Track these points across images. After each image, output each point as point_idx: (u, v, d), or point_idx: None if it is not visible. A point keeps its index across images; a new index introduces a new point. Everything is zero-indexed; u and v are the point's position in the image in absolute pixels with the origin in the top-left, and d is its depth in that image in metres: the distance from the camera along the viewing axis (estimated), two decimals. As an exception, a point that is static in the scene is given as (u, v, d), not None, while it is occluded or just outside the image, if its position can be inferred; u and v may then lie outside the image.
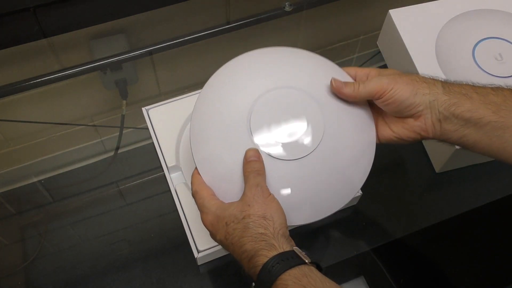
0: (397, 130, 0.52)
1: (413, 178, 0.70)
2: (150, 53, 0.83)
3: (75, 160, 0.71)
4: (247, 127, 0.50)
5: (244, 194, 0.48)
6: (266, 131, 0.50)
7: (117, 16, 0.86)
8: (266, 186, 0.49)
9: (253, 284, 0.45)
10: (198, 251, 0.58)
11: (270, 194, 0.48)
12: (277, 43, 0.89)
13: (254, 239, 0.45)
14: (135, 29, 0.87)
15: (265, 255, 0.44)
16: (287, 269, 0.42)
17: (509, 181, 0.69)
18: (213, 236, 0.49)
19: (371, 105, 0.55)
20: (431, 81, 0.50)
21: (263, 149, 0.50)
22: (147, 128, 0.67)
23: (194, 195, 0.51)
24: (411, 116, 0.51)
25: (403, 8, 0.74)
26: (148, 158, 0.70)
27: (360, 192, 0.63)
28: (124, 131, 0.75)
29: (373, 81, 0.51)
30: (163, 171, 0.64)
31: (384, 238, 0.64)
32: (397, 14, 0.74)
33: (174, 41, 0.84)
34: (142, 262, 0.62)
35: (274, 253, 0.43)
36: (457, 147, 0.62)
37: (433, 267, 0.65)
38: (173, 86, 0.82)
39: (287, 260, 0.43)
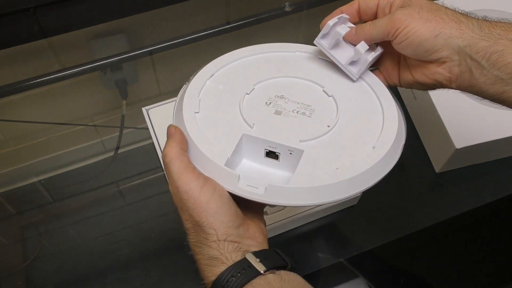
0: (417, 76, 0.44)
1: (413, 178, 0.70)
2: (150, 53, 0.83)
3: (75, 160, 0.71)
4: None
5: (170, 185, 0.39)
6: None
7: (117, 16, 0.86)
8: (193, 170, 0.38)
9: None
10: (198, 251, 0.58)
11: (205, 182, 0.37)
12: (277, 43, 0.89)
13: (194, 248, 0.38)
14: (135, 29, 0.87)
15: (211, 272, 0.37)
16: None
17: (509, 181, 0.69)
18: None
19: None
20: (465, 20, 0.41)
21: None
22: (147, 128, 0.67)
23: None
24: (433, 62, 0.42)
25: (403, 8, 0.74)
26: (148, 158, 0.70)
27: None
28: (124, 131, 0.75)
29: (385, 19, 0.42)
30: (163, 171, 0.64)
31: (384, 238, 0.64)
32: (397, 14, 0.73)
33: (174, 41, 0.84)
34: (142, 262, 0.61)
35: (222, 268, 0.36)
36: (454, 146, 0.62)
37: (433, 267, 0.65)
38: (173, 86, 0.82)
39: (237, 276, 0.35)
